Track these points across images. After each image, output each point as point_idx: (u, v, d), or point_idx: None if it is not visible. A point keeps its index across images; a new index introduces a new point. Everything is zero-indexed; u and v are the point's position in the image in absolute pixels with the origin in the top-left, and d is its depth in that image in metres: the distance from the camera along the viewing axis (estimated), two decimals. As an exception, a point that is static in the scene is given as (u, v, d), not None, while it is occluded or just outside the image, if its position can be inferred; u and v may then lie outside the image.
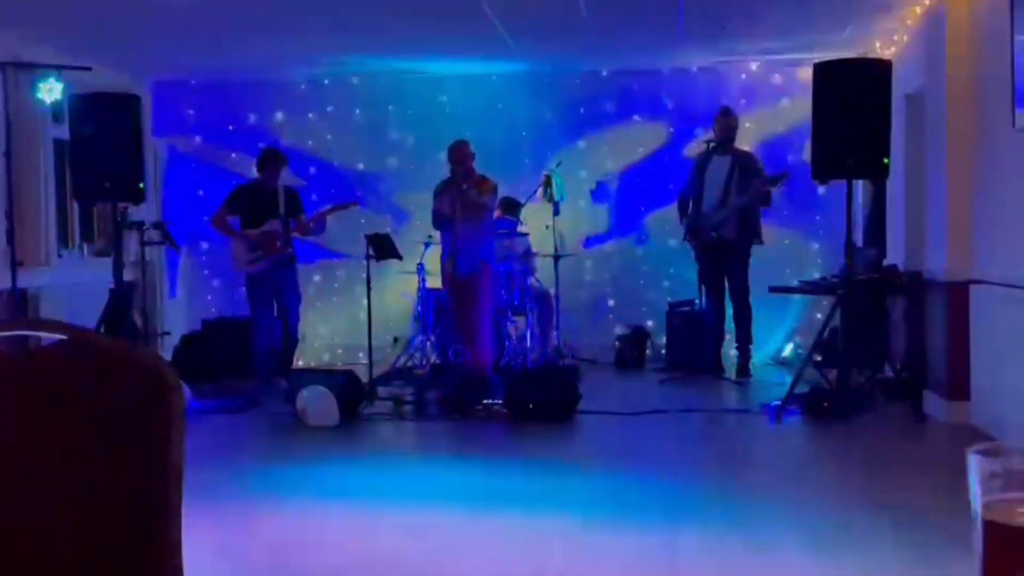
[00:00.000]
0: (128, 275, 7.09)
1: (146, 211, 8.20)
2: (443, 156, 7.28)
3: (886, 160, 5.94)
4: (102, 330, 6.54)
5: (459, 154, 6.97)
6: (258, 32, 7.34)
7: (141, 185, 6.59)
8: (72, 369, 1.36)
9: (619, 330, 8.92)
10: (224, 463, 5.23)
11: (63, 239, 8.07)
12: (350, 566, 3.60)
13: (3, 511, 1.33)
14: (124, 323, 6.54)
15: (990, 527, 0.71)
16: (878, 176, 6.42)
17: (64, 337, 1.36)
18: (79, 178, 6.57)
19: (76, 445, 1.36)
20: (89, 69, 6.74)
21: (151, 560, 1.37)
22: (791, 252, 8.87)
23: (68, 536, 1.35)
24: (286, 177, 7.72)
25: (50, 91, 6.47)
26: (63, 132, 7.33)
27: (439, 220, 7.09)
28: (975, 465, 0.74)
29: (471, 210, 6.86)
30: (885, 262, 7.63)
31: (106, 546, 1.36)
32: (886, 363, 6.70)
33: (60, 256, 7.80)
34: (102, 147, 6.40)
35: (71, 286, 7.56)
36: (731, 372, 7.76)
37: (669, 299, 8.77)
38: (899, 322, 7.24)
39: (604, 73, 9.15)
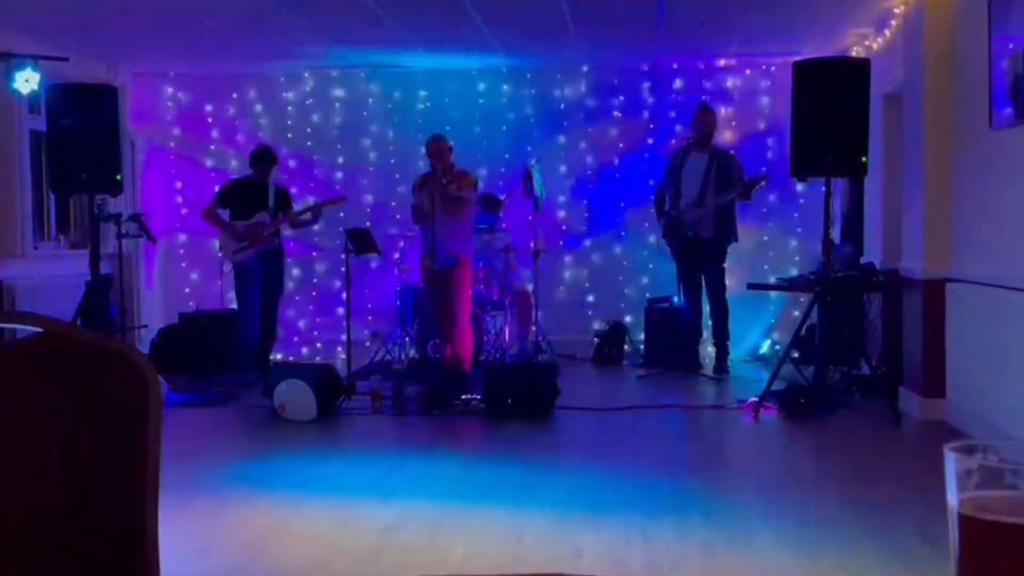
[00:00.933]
0: (105, 267, 7.05)
1: (123, 203, 8.15)
2: (422, 150, 7.27)
3: (864, 158, 5.98)
4: (78, 322, 6.49)
5: (437, 148, 6.96)
6: (237, 24, 7.30)
7: (118, 177, 6.55)
8: (47, 361, 1.35)
9: (597, 325, 8.94)
10: (201, 457, 5.20)
11: (39, 231, 8.00)
12: (328, 561, 3.59)
13: (-24, 505, 1.31)
14: (100, 316, 6.49)
15: (965, 523, 0.72)
16: (856, 174, 6.47)
17: (39, 329, 1.35)
18: (56, 169, 6.52)
19: (51, 438, 1.35)
20: (66, 59, 6.69)
21: (128, 554, 1.36)
22: (769, 249, 8.92)
23: (43, 531, 1.34)
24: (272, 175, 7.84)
25: (27, 81, 6.41)
26: (40, 123, 7.27)
27: (418, 214, 7.08)
28: (951, 462, 0.75)
29: (450, 205, 6.85)
30: (862, 260, 7.69)
31: (82, 540, 1.35)
32: (863, 360, 6.75)
33: (36, 248, 7.73)
34: (79, 138, 6.35)
35: (47, 278, 7.51)
36: (708, 368, 7.80)
37: (648, 295, 8.80)
38: (876, 319, 7.29)
39: (584, 68, 9.16)
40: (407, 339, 8.00)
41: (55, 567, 1.34)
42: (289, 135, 9.36)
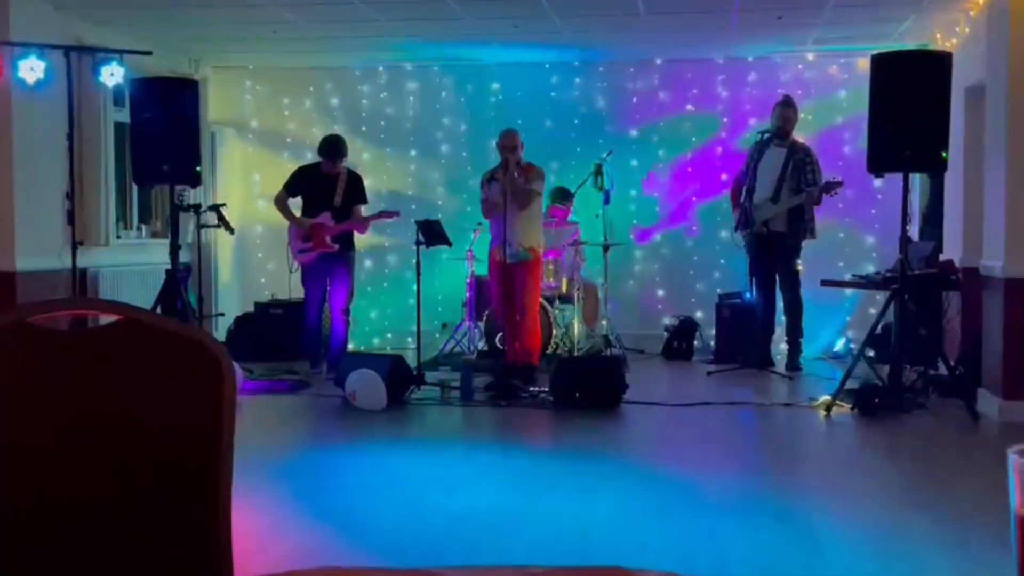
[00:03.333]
0: (184, 256, 7.23)
1: (202, 194, 8.34)
2: (494, 144, 7.30)
3: (944, 154, 5.84)
4: (158, 310, 6.68)
5: (510, 142, 6.97)
6: (314, 18, 7.42)
7: (198, 168, 6.71)
8: (126, 347, 1.40)
9: (668, 320, 8.88)
10: (274, 444, 5.32)
11: (122, 221, 8.24)
12: (395, 549, 3.64)
13: (60, 488, 1.37)
14: (179, 303, 6.67)
15: (1027, 528, 0.71)
16: (936, 170, 6.32)
17: (119, 317, 1.40)
18: (138, 161, 6.70)
19: (130, 421, 1.40)
20: (150, 54, 6.87)
21: (202, 535, 1.40)
22: (845, 245, 8.76)
23: (121, 511, 1.39)
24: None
25: (112, 75, 6.59)
26: (124, 115, 7.48)
27: (488, 208, 7.11)
28: (1014, 465, 0.74)
29: (519, 198, 6.87)
30: (941, 257, 7.50)
31: (157, 520, 1.40)
32: (940, 360, 6.59)
33: (119, 238, 7.96)
34: (161, 131, 6.52)
35: (129, 267, 7.74)
36: (780, 366, 7.69)
37: (719, 290, 8.71)
38: (954, 318, 7.12)
39: (658, 62, 9.09)
40: (476, 331, 8.05)
41: (132, 546, 1.39)
42: (364, 128, 9.48)
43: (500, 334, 7.58)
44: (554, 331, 7.84)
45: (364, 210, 7.65)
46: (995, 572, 3.33)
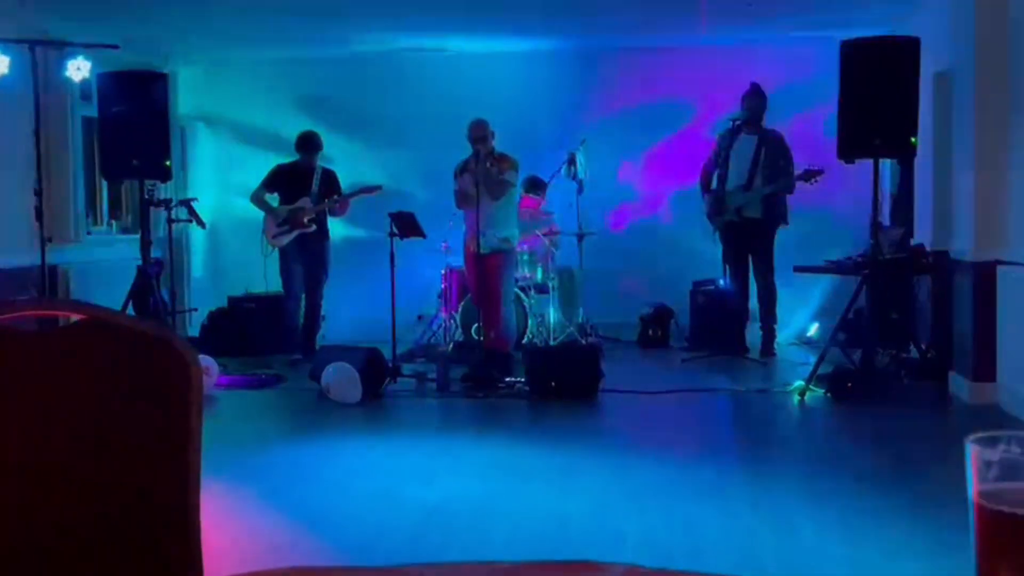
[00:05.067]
0: (155, 252, 7.18)
1: (173, 188, 8.28)
2: (465, 134, 7.28)
3: (913, 139, 5.88)
4: (130, 306, 6.63)
5: (478, 132, 6.96)
6: (283, 11, 7.36)
7: (168, 163, 6.66)
8: (91, 347, 1.39)
9: (643, 309, 8.91)
10: (249, 438, 5.30)
11: (92, 216, 8.16)
12: (373, 542, 3.64)
13: (25, 488, 1.36)
14: (151, 299, 6.62)
15: (983, 515, 0.72)
16: (905, 155, 6.37)
17: (83, 316, 1.39)
18: (107, 156, 6.65)
19: (96, 420, 1.39)
20: (117, 47, 6.79)
21: (171, 533, 1.40)
22: (817, 231, 8.80)
23: (87, 511, 1.38)
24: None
25: (78, 69, 6.52)
26: (91, 110, 7.40)
27: (460, 198, 7.10)
28: (972, 453, 0.75)
29: (493, 188, 6.85)
30: (912, 242, 7.56)
31: (125, 520, 1.39)
32: (911, 343, 6.65)
33: (89, 233, 7.89)
34: (129, 125, 6.46)
35: (100, 263, 7.67)
36: (755, 352, 7.74)
37: (693, 278, 8.74)
38: (925, 302, 7.18)
39: (630, 49, 9.09)
40: (452, 322, 8.04)
41: (99, 546, 1.38)
42: (336, 120, 9.42)
43: (476, 325, 7.58)
44: (529, 321, 7.84)
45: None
46: (966, 556, 3.36)
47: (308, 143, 7.82)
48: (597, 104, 9.16)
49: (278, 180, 7.81)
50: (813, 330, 8.68)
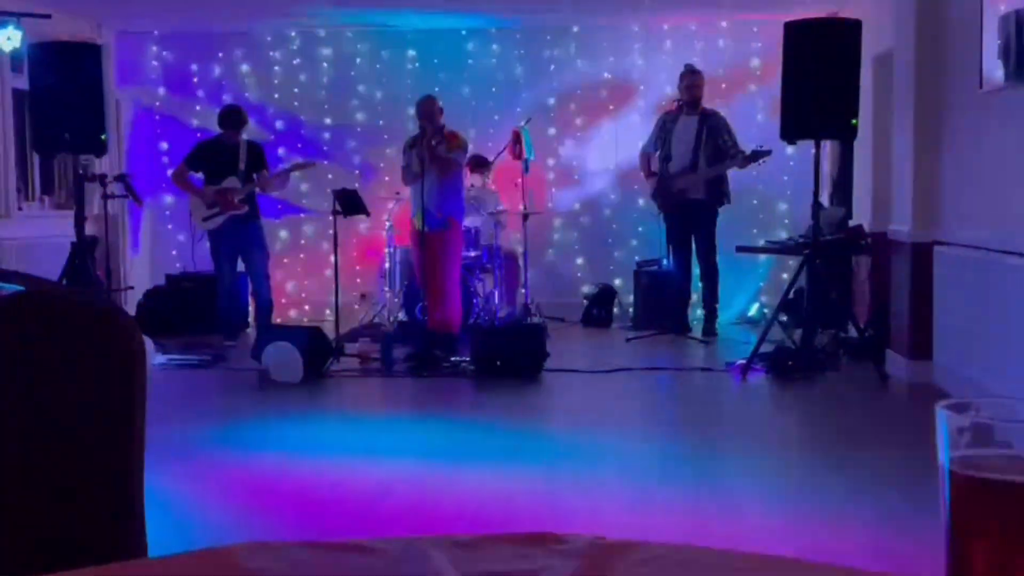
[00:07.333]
0: (90, 229, 6.99)
1: (108, 164, 8.07)
2: (412, 111, 7.21)
3: (854, 121, 5.96)
4: (63, 283, 6.45)
5: (427, 109, 6.89)
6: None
7: (103, 137, 6.48)
8: (31, 319, 1.34)
9: (587, 288, 8.94)
10: (189, 419, 5.20)
11: (24, 192, 7.93)
12: (315, 522, 3.60)
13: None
14: (86, 277, 6.46)
15: (957, 481, 0.71)
16: (846, 137, 6.45)
17: (21, 288, 1.33)
18: (39, 129, 6.44)
19: (36, 395, 1.34)
20: (49, 17, 6.59)
21: (114, 512, 1.35)
22: (758, 212, 8.91)
23: (28, 488, 1.33)
24: (251, 132, 7.68)
25: (9, 39, 6.31)
26: (22, 82, 7.17)
27: (407, 176, 7.04)
28: (943, 420, 0.74)
29: (440, 166, 6.80)
30: (851, 222, 7.69)
31: (67, 498, 1.34)
32: (850, 323, 6.77)
33: (20, 209, 7.66)
34: (63, 98, 6.26)
35: (32, 239, 7.45)
36: (697, 331, 7.81)
37: (637, 258, 8.79)
38: (864, 282, 7.31)
39: (575, 29, 9.08)
40: (396, 301, 7.99)
41: (41, 524, 1.34)
42: (276, 95, 9.27)
43: (420, 304, 7.53)
44: (474, 300, 7.82)
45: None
46: (903, 525, 3.44)
47: (230, 117, 7.45)
48: (542, 83, 9.13)
49: (201, 157, 7.46)
50: (754, 310, 8.80)
